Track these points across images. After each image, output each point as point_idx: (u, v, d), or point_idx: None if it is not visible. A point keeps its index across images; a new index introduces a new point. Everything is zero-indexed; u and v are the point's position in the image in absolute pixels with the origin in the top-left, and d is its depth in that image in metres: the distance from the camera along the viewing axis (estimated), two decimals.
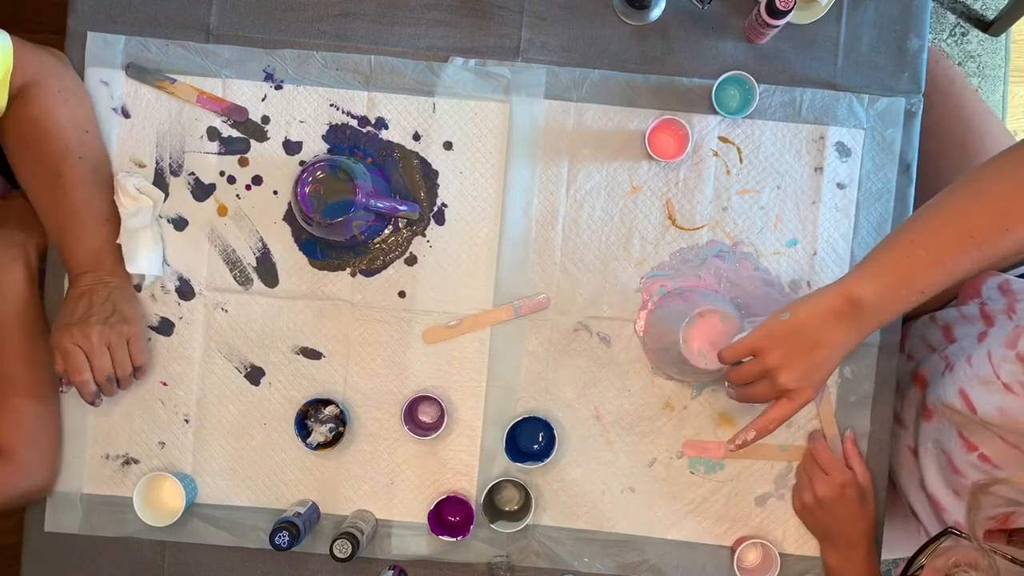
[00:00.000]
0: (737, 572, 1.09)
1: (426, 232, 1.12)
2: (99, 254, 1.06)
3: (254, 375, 1.13)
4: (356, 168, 1.02)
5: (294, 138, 1.12)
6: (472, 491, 1.13)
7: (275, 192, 1.12)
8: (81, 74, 1.11)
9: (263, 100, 1.12)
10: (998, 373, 0.90)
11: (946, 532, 0.80)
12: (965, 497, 0.98)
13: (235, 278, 1.13)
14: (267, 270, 1.13)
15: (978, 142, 1.24)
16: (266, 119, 1.12)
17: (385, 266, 1.12)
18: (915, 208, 1.11)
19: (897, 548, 1.22)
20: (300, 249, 1.12)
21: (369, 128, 1.12)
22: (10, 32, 1.00)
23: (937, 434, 1.03)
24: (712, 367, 0.97)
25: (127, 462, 1.13)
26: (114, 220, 1.08)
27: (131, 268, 1.07)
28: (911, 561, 0.81)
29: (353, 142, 1.12)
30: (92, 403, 1.05)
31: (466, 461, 1.13)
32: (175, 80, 1.12)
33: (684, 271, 1.12)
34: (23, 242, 1.09)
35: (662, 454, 1.12)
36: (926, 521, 1.10)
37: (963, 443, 0.97)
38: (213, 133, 1.12)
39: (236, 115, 1.12)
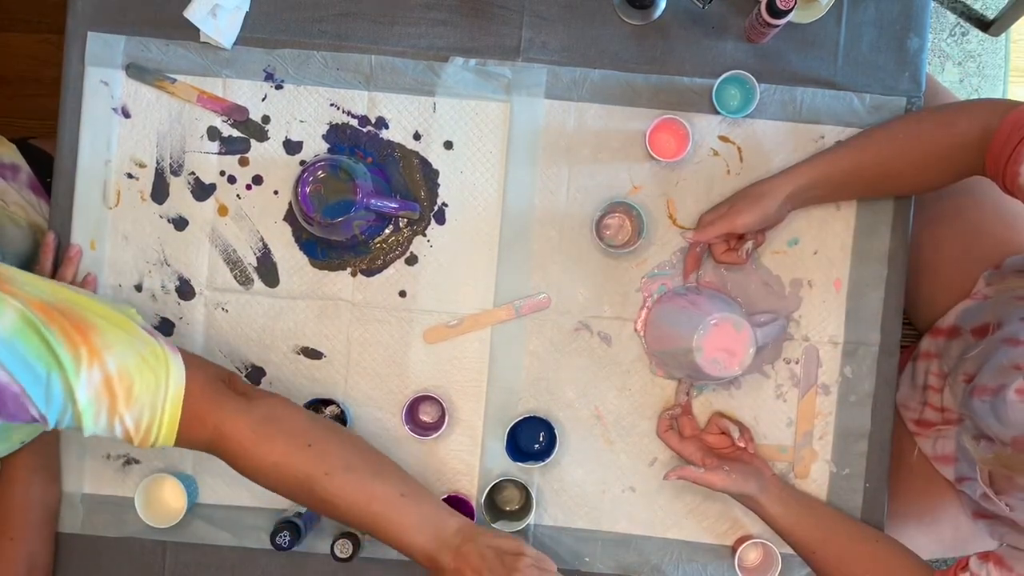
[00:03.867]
0: (738, 572, 1.09)
1: (426, 232, 1.12)
2: (431, 531, 0.92)
3: (254, 375, 1.13)
4: (357, 168, 1.02)
5: (294, 138, 1.12)
6: (473, 491, 1.13)
7: (276, 192, 1.12)
8: (81, 74, 1.11)
9: (263, 100, 1.12)
10: None
11: None
12: None
13: (236, 278, 1.13)
14: (268, 270, 1.13)
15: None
16: (266, 119, 1.12)
17: (386, 266, 1.12)
18: (915, 208, 1.11)
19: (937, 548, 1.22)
20: (301, 249, 1.12)
21: (369, 128, 1.12)
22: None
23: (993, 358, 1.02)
24: (726, 374, 0.98)
25: (128, 462, 1.13)
26: (409, 494, 0.92)
27: (187, 13, 1.03)
28: None
29: (353, 142, 1.12)
30: None
31: (467, 461, 1.13)
32: (175, 80, 1.12)
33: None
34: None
35: (662, 453, 1.12)
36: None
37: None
38: (213, 133, 1.12)
39: (236, 115, 1.12)
